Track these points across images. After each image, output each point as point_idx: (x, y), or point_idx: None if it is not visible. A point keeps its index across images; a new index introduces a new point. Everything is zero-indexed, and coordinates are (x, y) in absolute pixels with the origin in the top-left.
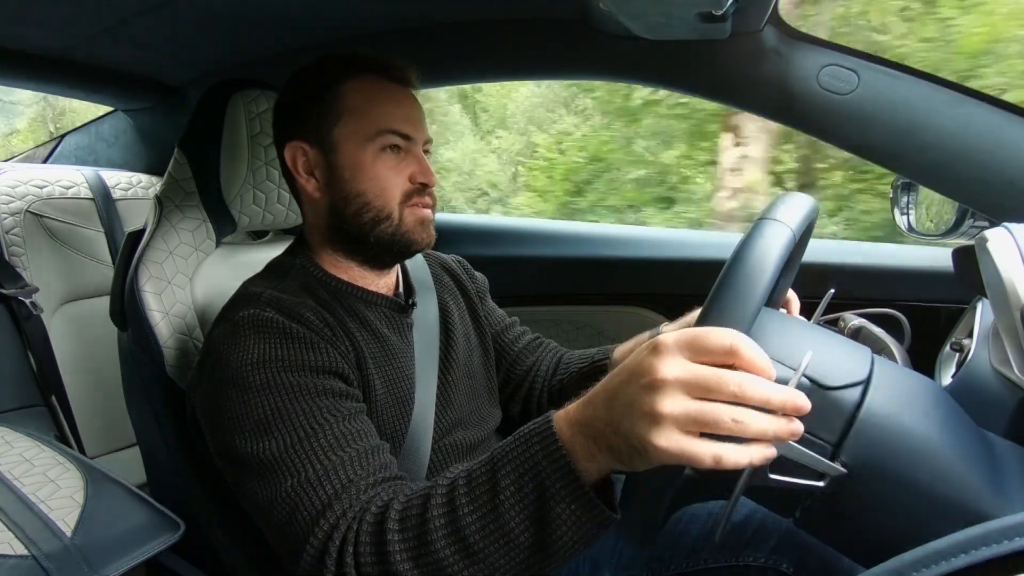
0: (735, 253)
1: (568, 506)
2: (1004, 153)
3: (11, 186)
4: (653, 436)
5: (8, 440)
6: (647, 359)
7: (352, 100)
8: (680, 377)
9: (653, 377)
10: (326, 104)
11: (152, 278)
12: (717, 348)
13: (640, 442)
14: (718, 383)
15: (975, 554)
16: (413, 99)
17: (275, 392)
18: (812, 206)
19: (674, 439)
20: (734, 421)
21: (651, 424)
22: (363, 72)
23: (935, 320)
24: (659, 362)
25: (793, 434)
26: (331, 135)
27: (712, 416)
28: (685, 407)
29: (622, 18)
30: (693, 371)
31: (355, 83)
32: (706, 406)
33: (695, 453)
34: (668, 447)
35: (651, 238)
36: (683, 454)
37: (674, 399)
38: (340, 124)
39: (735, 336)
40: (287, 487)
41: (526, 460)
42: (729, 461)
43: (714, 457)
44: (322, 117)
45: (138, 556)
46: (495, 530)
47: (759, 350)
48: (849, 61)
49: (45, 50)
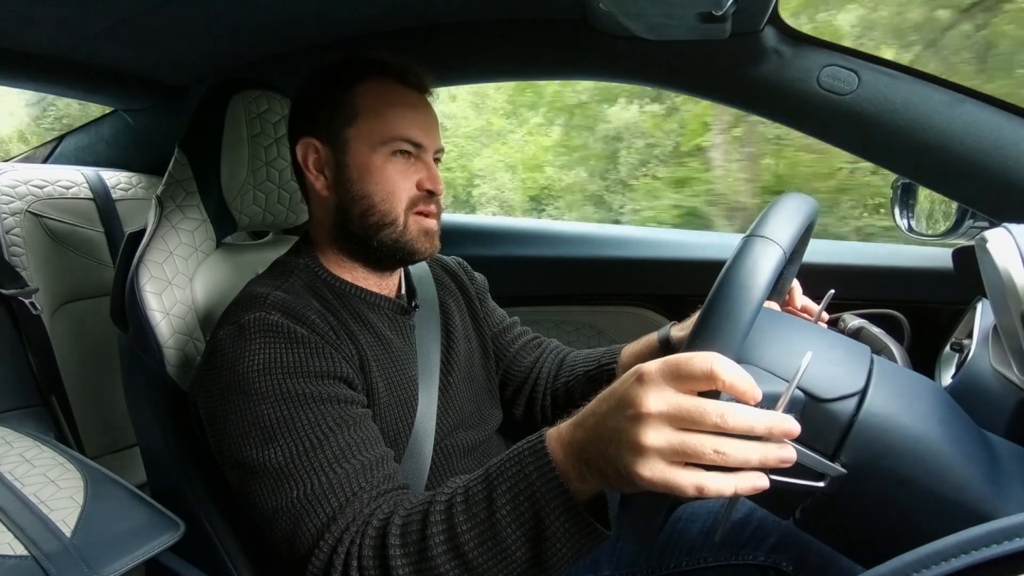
0: (722, 275)
1: (562, 524)
2: (1004, 153)
3: (11, 186)
4: (638, 467)
5: (8, 440)
6: (632, 389)
7: (367, 102)
8: (663, 411)
9: (637, 410)
10: (341, 103)
11: (152, 278)
12: (698, 374)
13: (626, 471)
14: (700, 415)
15: (975, 554)
16: (428, 106)
17: (280, 400)
18: (809, 208)
19: (658, 470)
20: (716, 452)
21: (636, 455)
22: (381, 75)
23: (935, 320)
24: (643, 393)
25: (782, 461)
26: (343, 134)
27: (694, 448)
28: (668, 439)
29: (622, 18)
30: (676, 403)
31: (372, 85)
32: (688, 438)
33: (678, 483)
34: (652, 477)
35: (651, 238)
36: (667, 484)
37: (658, 431)
38: (353, 125)
39: (714, 361)
40: (292, 498)
41: (522, 480)
42: (712, 491)
43: (696, 487)
44: (336, 116)
45: (138, 556)
46: (493, 546)
47: (741, 374)
48: (849, 61)
49: (45, 50)
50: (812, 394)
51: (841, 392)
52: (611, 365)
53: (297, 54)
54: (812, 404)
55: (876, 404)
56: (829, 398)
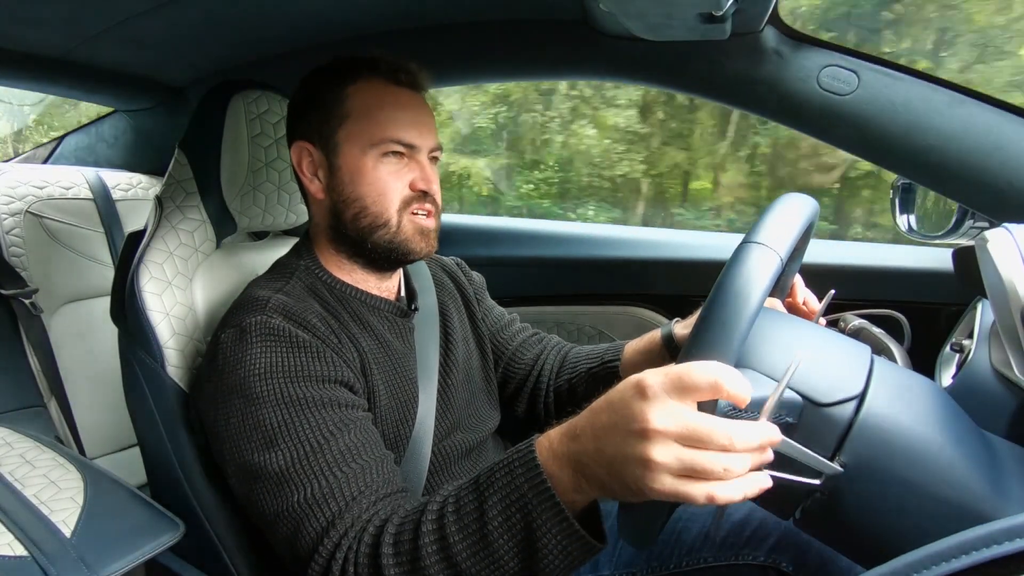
0: (719, 282)
1: (554, 536)
2: (1004, 153)
3: (11, 186)
4: (648, 481)
5: (8, 441)
6: (636, 404)
7: (357, 104)
8: (671, 429)
9: (643, 427)
10: (331, 106)
11: (153, 279)
12: (703, 386)
13: (635, 484)
14: (709, 436)
15: (976, 555)
16: (421, 104)
17: (282, 404)
18: (808, 210)
19: (668, 483)
20: (725, 470)
21: (645, 470)
22: (372, 75)
23: (935, 320)
24: (648, 409)
25: (766, 461)
26: (334, 137)
27: (703, 466)
28: (678, 456)
29: (622, 19)
30: (684, 423)
31: (362, 86)
32: (698, 456)
33: (689, 494)
34: (663, 490)
35: (651, 238)
36: (678, 495)
37: (666, 448)
38: (344, 127)
39: (719, 371)
40: (293, 502)
41: (513, 491)
42: (723, 498)
43: (707, 496)
44: (327, 119)
45: (138, 556)
46: (484, 556)
47: (744, 384)
48: (849, 61)
49: (45, 50)
50: (810, 398)
51: (840, 396)
52: (614, 362)
53: (297, 54)
54: (810, 408)
55: (876, 405)
56: (827, 402)
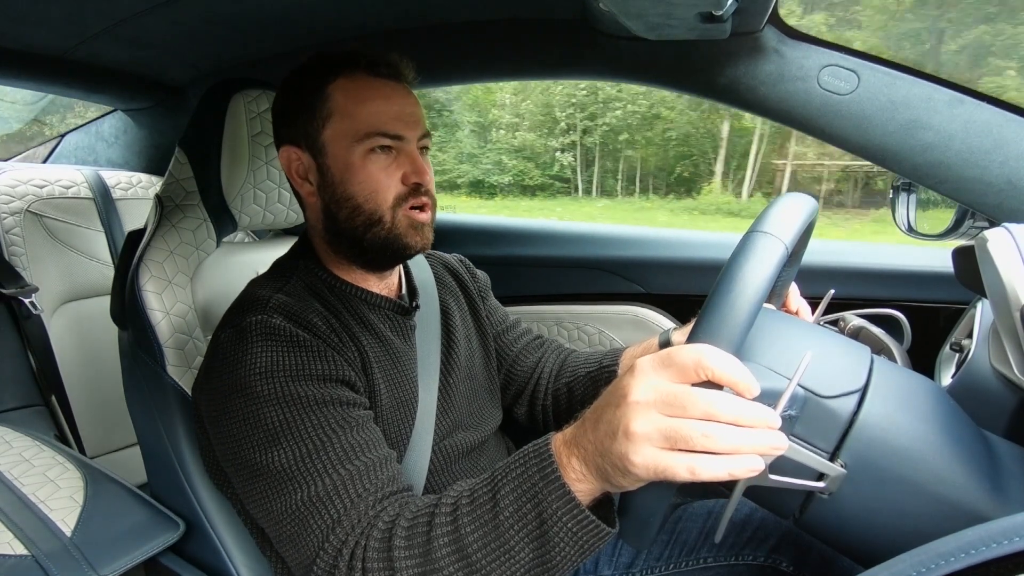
0: (725, 269)
1: (565, 525)
2: (1004, 153)
3: (11, 186)
4: (629, 453)
5: (8, 440)
6: (624, 380)
7: (338, 101)
8: (650, 398)
9: (627, 398)
10: (314, 106)
11: (153, 277)
12: (687, 363)
13: (620, 460)
14: (688, 401)
15: (975, 555)
16: (406, 94)
17: (283, 403)
18: (809, 208)
19: (649, 454)
20: (704, 436)
21: (627, 442)
22: (351, 70)
23: (935, 320)
24: (633, 382)
25: (774, 448)
26: (320, 138)
27: (681, 432)
28: (656, 424)
29: (622, 18)
30: (664, 390)
31: (342, 82)
32: (676, 422)
33: (670, 466)
34: (644, 463)
35: (651, 238)
36: (658, 468)
37: (646, 417)
38: (328, 126)
39: (703, 351)
40: (296, 501)
41: (524, 481)
42: (705, 473)
43: (689, 468)
44: (310, 120)
45: (138, 556)
46: (497, 547)
47: (733, 364)
48: (849, 61)
49: (45, 50)
50: (813, 391)
51: (842, 390)
52: (612, 366)
53: (297, 54)
54: (814, 400)
55: (876, 404)
56: (830, 395)
